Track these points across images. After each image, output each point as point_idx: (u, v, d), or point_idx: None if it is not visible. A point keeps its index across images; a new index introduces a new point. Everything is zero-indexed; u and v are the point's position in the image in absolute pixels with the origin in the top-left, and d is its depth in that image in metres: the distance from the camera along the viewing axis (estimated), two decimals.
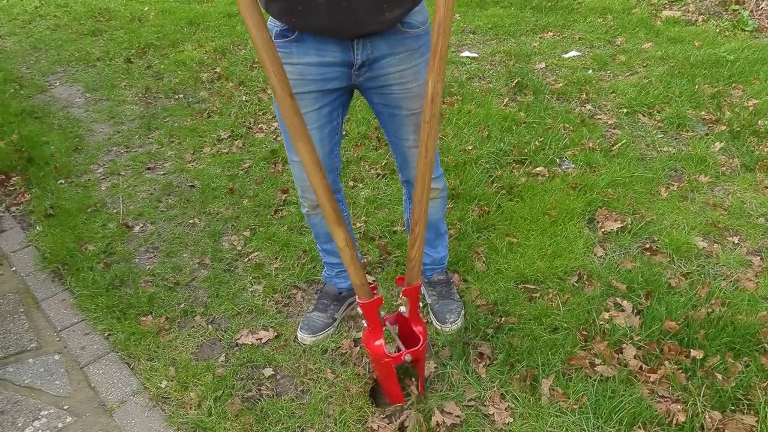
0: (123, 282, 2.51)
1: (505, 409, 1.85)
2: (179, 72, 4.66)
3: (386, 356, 1.75)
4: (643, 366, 1.94)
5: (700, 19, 4.92)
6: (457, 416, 1.83)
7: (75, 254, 2.67)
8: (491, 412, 1.84)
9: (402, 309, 1.82)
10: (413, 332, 1.81)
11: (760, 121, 3.33)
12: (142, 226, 2.90)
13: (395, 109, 1.77)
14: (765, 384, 1.84)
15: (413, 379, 1.90)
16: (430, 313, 2.21)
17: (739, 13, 4.83)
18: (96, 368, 2.12)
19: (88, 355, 2.18)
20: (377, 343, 1.76)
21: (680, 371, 1.90)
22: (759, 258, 2.42)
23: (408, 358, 1.76)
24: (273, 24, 1.65)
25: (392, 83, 1.71)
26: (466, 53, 4.56)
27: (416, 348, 1.76)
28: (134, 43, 5.24)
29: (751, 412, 1.78)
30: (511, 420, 1.82)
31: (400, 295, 1.74)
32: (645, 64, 4.20)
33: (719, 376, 1.86)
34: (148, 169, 3.41)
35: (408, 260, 1.71)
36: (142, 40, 5.29)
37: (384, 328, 1.80)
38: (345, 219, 2.10)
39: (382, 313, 1.81)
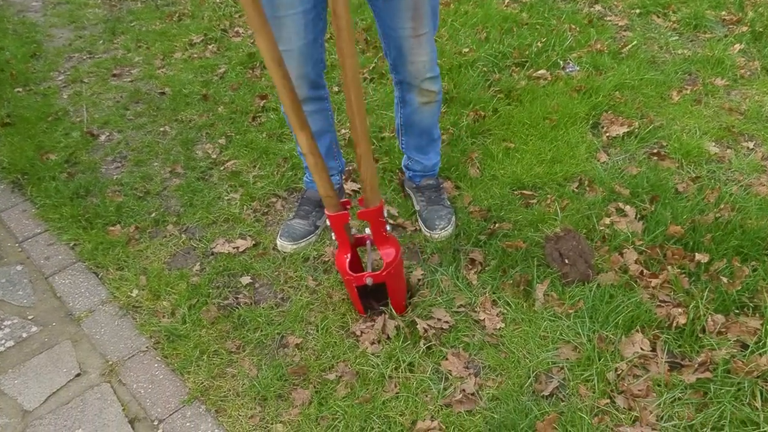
0: (88, 192, 2.47)
1: (497, 314, 1.86)
2: None
3: (347, 273, 1.73)
4: (644, 271, 1.94)
5: None
6: (446, 322, 1.84)
7: (36, 164, 2.62)
8: (482, 318, 1.85)
9: (368, 231, 1.76)
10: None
11: None
12: (108, 135, 2.84)
13: None
14: None
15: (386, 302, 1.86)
16: (419, 219, 2.18)
17: None
18: (62, 278, 2.11)
19: (52, 266, 2.16)
20: (345, 257, 1.74)
21: (683, 275, 1.90)
22: None
23: (369, 281, 1.72)
24: None
25: None
26: None
27: (378, 272, 1.72)
28: None
29: (756, 315, 1.79)
30: (503, 325, 1.83)
31: (357, 218, 1.69)
32: None
33: (724, 280, 1.86)
34: (114, 75, 3.31)
35: (361, 181, 1.63)
36: None
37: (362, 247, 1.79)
38: (330, 125, 2.07)
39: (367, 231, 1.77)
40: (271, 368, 1.74)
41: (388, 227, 1.73)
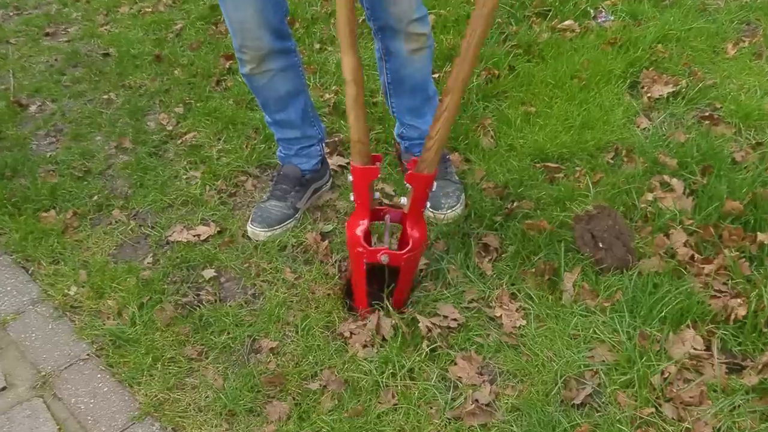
0: (16, 172, 2.50)
1: (516, 310, 1.86)
2: None
3: (360, 245, 1.73)
4: (696, 255, 1.94)
5: None
6: (454, 319, 1.84)
7: None
8: (498, 314, 1.85)
9: (403, 200, 1.78)
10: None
11: None
12: (40, 105, 2.87)
13: None
14: None
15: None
16: None
17: None
18: None
19: None
20: (359, 224, 1.73)
21: (743, 260, 1.90)
22: None
23: (384, 259, 1.73)
24: None
25: None
26: None
27: (400, 252, 1.73)
28: None
29: None
30: (524, 323, 1.82)
31: (404, 181, 1.72)
32: None
33: None
34: (47, 35, 3.35)
35: (426, 139, 1.66)
36: None
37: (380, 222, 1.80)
38: (303, 84, 2.11)
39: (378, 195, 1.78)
40: (240, 377, 1.74)
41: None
